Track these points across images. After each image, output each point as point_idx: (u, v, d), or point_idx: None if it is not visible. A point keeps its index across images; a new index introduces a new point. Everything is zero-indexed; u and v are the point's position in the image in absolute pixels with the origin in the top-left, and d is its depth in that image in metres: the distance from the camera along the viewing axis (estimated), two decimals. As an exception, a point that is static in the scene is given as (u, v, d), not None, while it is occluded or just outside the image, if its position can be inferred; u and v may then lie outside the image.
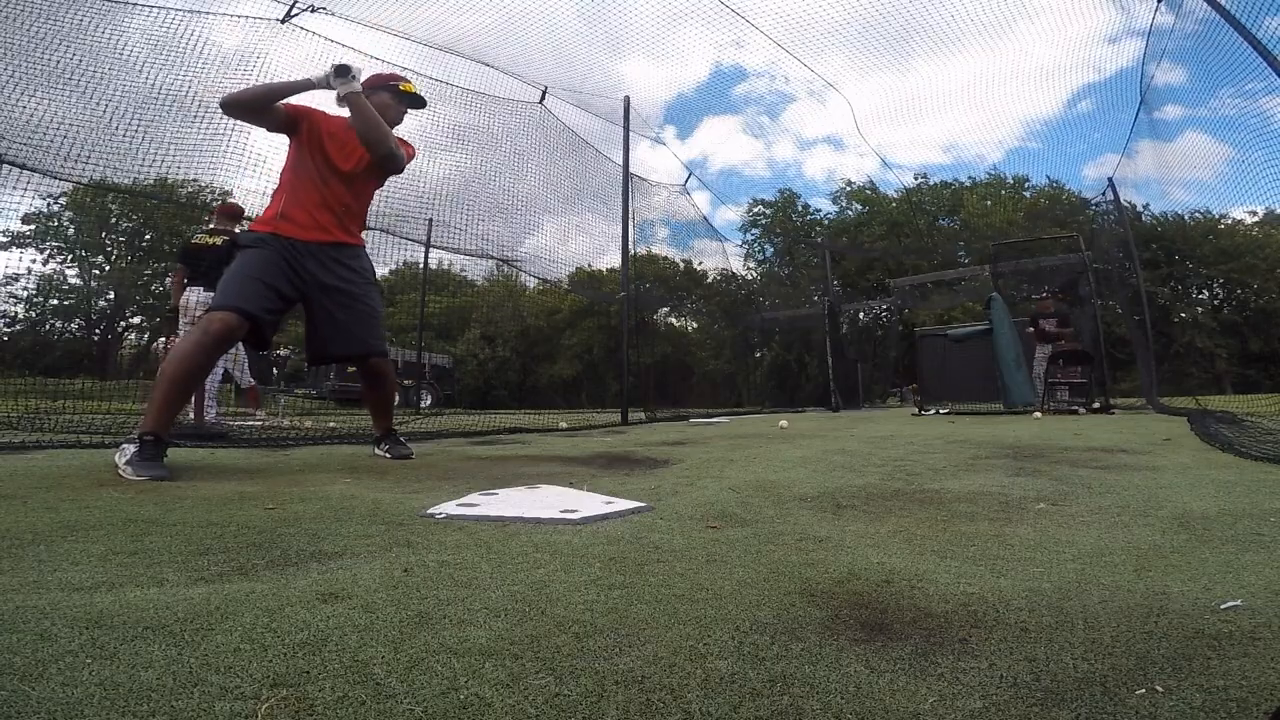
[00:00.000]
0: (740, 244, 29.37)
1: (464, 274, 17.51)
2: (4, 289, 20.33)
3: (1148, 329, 9.98)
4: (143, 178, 5.40)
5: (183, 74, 5.25)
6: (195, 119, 5.10)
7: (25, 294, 24.07)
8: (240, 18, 5.58)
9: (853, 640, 0.75)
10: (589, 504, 1.62)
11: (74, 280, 27.67)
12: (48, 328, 27.57)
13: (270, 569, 1.03)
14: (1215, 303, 28.55)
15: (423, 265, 9.69)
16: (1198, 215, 25.01)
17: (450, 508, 1.56)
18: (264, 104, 2.43)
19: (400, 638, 0.73)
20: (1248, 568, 1.04)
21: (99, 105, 4.78)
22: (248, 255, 2.42)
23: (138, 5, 5.19)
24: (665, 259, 17.85)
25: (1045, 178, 28.74)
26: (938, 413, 8.05)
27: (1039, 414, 6.75)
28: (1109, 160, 11.06)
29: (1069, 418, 6.30)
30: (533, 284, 9.85)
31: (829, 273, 16.71)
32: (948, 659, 0.70)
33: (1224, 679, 0.64)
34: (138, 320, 29.42)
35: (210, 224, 4.93)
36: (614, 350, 17.58)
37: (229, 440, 3.75)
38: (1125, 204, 10.40)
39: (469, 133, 7.48)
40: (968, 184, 30.22)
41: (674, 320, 26.20)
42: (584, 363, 29.82)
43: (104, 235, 26.74)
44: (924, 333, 11.43)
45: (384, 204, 6.26)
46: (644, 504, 1.63)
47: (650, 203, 10.12)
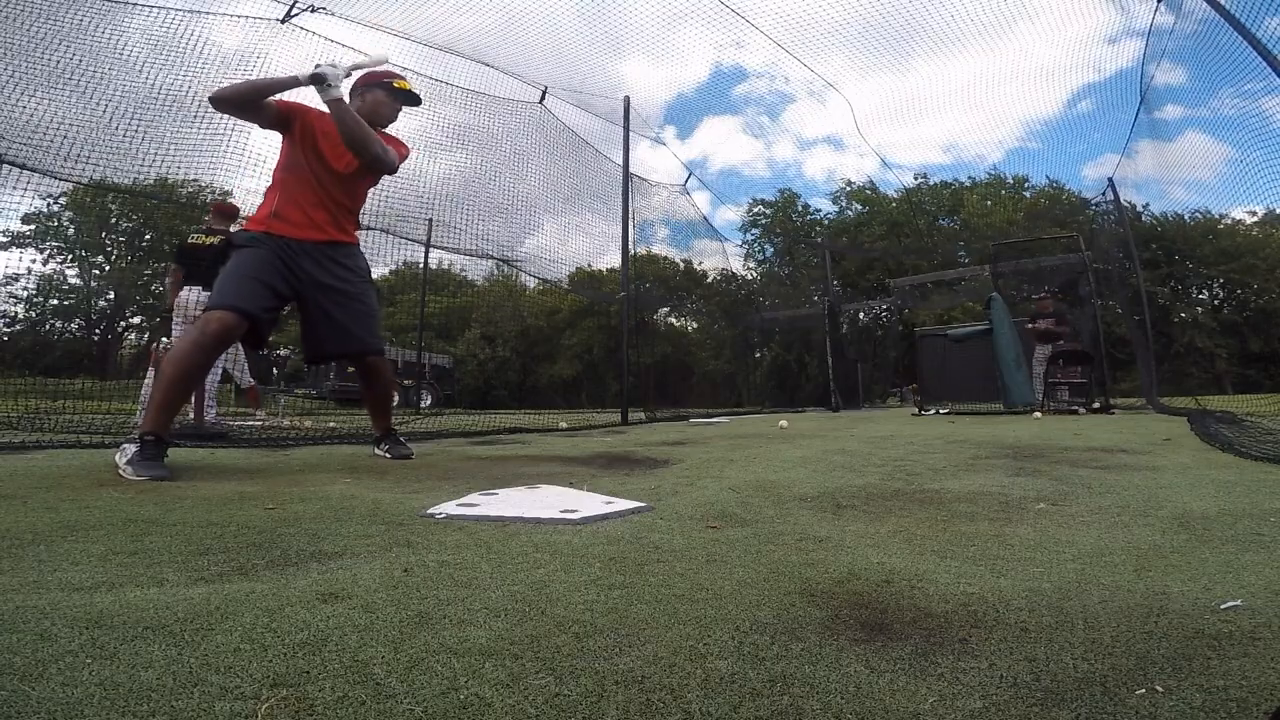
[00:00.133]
0: (740, 244, 29.42)
1: (464, 274, 17.51)
2: (4, 289, 20.34)
3: (1148, 329, 9.98)
4: (143, 178, 5.41)
5: (183, 74, 5.26)
6: (195, 119, 5.10)
7: (25, 294, 24.09)
8: (240, 18, 5.59)
9: (853, 640, 0.75)
10: (589, 504, 1.62)
11: (74, 280, 27.71)
12: (48, 328, 27.58)
13: (270, 569, 1.03)
14: (1215, 303, 28.56)
15: (423, 265, 9.68)
16: (1198, 215, 25.02)
17: (450, 508, 1.56)
18: (252, 99, 2.41)
19: (400, 638, 0.73)
20: (1248, 568, 1.04)
21: (99, 105, 4.79)
22: (243, 254, 2.42)
23: (138, 5, 5.19)
24: (665, 259, 17.86)
25: (1045, 178, 28.79)
26: (938, 413, 8.05)
27: (1039, 414, 6.75)
28: (1109, 160, 11.07)
29: (1069, 418, 6.30)
30: (533, 284, 9.85)
31: (829, 273, 16.71)
32: (948, 659, 0.70)
33: (1224, 679, 0.64)
34: (138, 320, 29.43)
35: (207, 223, 4.93)
36: (614, 350, 17.57)
37: (229, 440, 3.75)
38: (1125, 204, 10.40)
39: (469, 133, 7.49)
40: (968, 184, 30.25)
41: (674, 320, 26.19)
42: (584, 363, 29.81)
43: (104, 235, 26.74)
44: (924, 333, 11.42)
45: (384, 204, 6.26)
46: (644, 504, 1.63)
47: (650, 203, 10.12)
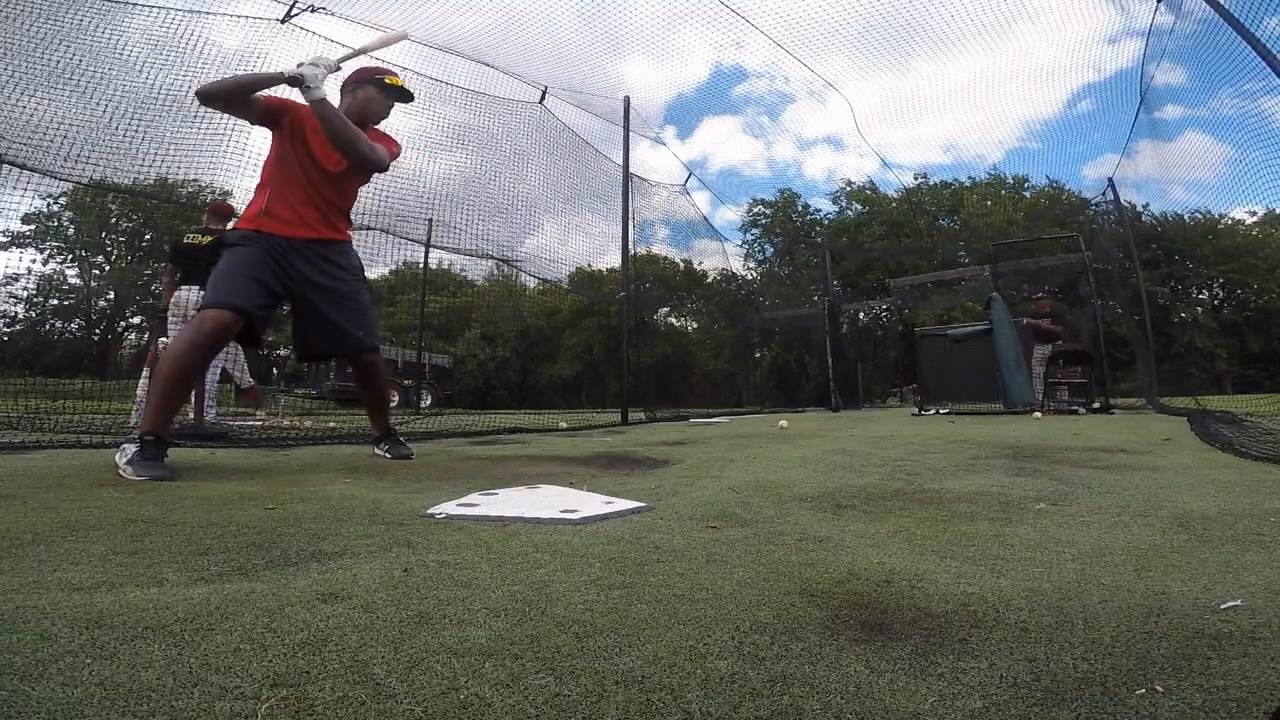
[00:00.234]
0: (740, 244, 29.41)
1: (464, 274, 17.52)
2: (4, 289, 20.34)
3: (1148, 329, 9.98)
4: (143, 178, 5.41)
5: (183, 74, 5.26)
6: (195, 119, 5.10)
7: (25, 294, 24.10)
8: (240, 18, 5.59)
9: (853, 640, 0.75)
10: (589, 504, 1.62)
11: (74, 280, 27.71)
12: (48, 328, 27.58)
13: (270, 569, 1.03)
14: (1215, 303, 28.56)
15: (423, 265, 9.68)
16: (1198, 215, 25.03)
17: (450, 508, 1.56)
18: (239, 94, 2.37)
19: (400, 638, 0.73)
20: (1248, 568, 1.04)
21: (99, 105, 4.79)
22: (235, 253, 2.40)
23: (138, 5, 5.19)
24: (665, 259, 17.85)
25: (1045, 178, 28.78)
26: (938, 413, 8.05)
27: (1039, 414, 6.75)
28: (1109, 160, 11.06)
29: (1069, 418, 6.30)
30: (533, 284, 9.85)
31: (829, 273, 16.70)
32: (948, 659, 0.70)
33: (1224, 679, 0.64)
34: (138, 320, 29.42)
35: (203, 223, 4.93)
36: (614, 350, 17.57)
37: (229, 440, 3.75)
38: (1125, 204, 10.40)
39: (469, 133, 7.49)
40: (968, 184, 30.24)
41: (674, 320, 26.19)
42: (584, 363, 29.80)
43: (104, 235, 26.75)
44: (924, 333, 11.39)
45: (384, 204, 6.27)
46: (644, 504, 1.63)
47: (650, 203, 10.12)
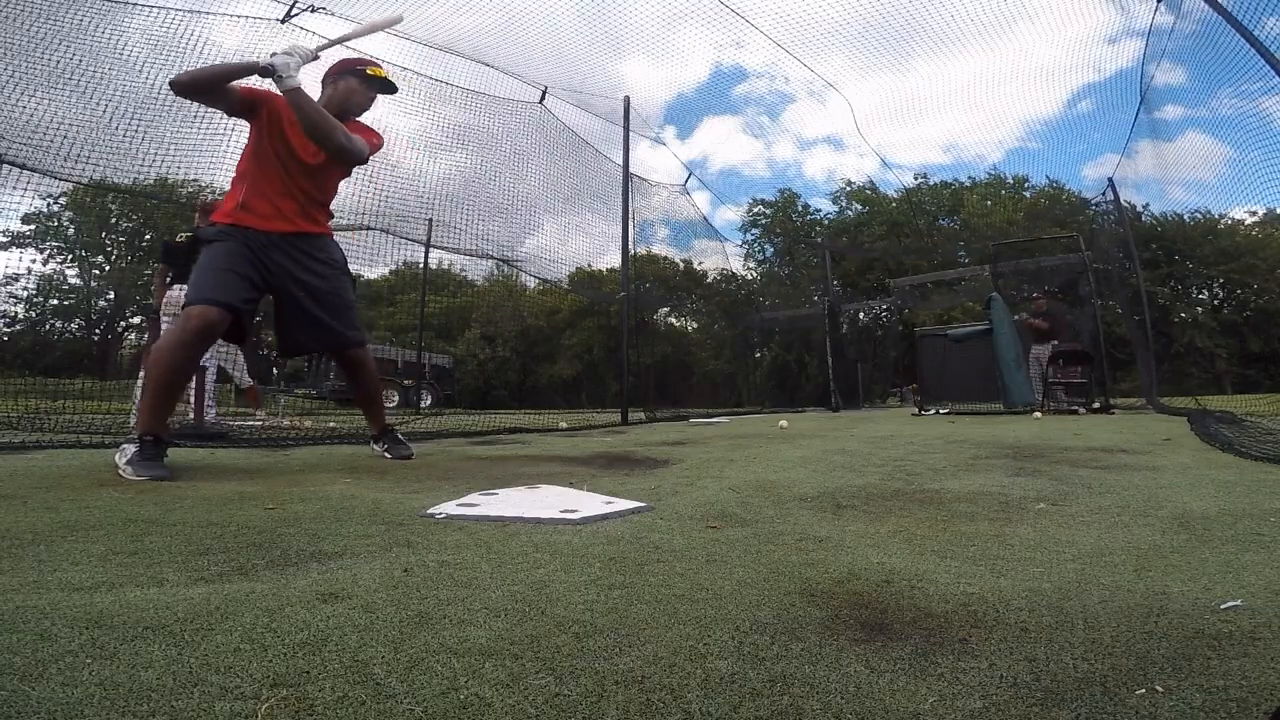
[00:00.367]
0: (740, 244, 29.40)
1: (464, 274, 17.52)
2: (4, 289, 20.34)
3: (1148, 329, 9.98)
4: (143, 178, 5.40)
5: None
6: (195, 119, 5.09)
7: (25, 294, 24.10)
8: (240, 18, 5.59)
9: (853, 640, 0.75)
10: (589, 504, 1.62)
11: (74, 280, 27.72)
12: (48, 328, 27.59)
13: (270, 569, 1.03)
14: (1215, 303, 28.55)
15: (423, 265, 9.69)
16: (1198, 215, 25.02)
17: (450, 508, 1.56)
18: (214, 84, 2.33)
19: (400, 638, 0.73)
20: (1248, 568, 1.04)
21: (99, 105, 4.79)
22: (214, 249, 2.36)
23: (138, 5, 5.19)
24: (665, 259, 17.84)
25: (1045, 178, 28.79)
26: (938, 413, 8.05)
27: (1039, 414, 6.75)
28: (1109, 160, 11.06)
29: (1069, 418, 6.30)
30: (533, 284, 9.85)
31: (829, 273, 16.71)
32: (948, 659, 0.70)
33: (1224, 679, 0.64)
34: (138, 320, 29.40)
35: (197, 223, 4.93)
36: (614, 350, 17.57)
37: (229, 440, 3.76)
38: (1125, 204, 10.40)
39: (469, 133, 7.49)
40: (968, 184, 30.25)
41: (674, 320, 26.19)
42: (584, 363, 29.79)
43: (104, 235, 26.74)
44: (924, 333, 11.40)
45: (384, 204, 6.26)
46: (644, 504, 1.63)
47: (650, 203, 10.13)
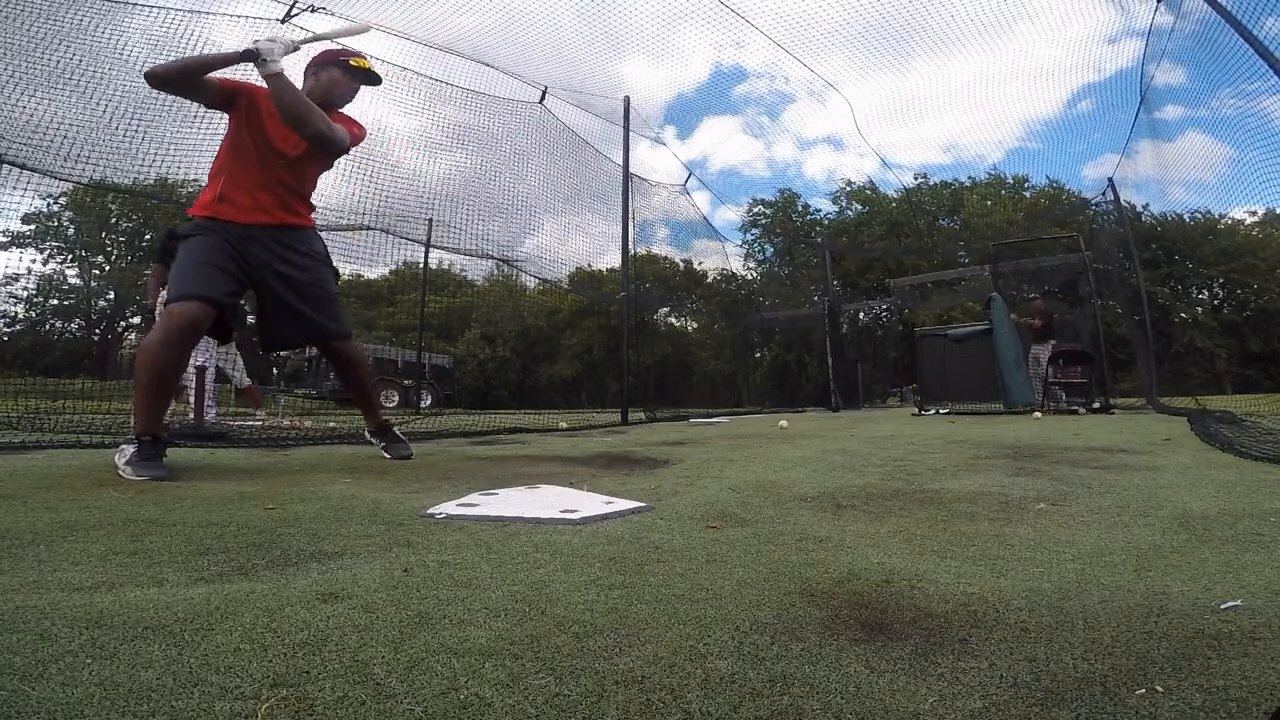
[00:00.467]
0: (740, 244, 29.41)
1: (464, 274, 17.48)
2: (4, 289, 20.34)
3: (1148, 329, 9.98)
4: (143, 178, 5.40)
5: (183, 74, 5.24)
6: (195, 119, 5.08)
7: (25, 294, 24.10)
8: (240, 18, 5.58)
9: (853, 640, 0.75)
10: (589, 504, 1.62)
11: (74, 280, 27.73)
12: (48, 328, 27.59)
13: (270, 569, 1.03)
14: (1215, 303, 28.55)
15: (423, 265, 9.69)
16: (1198, 215, 25.03)
17: (450, 508, 1.56)
18: (190, 76, 2.28)
19: (400, 638, 0.73)
20: (1248, 568, 1.04)
21: (99, 105, 4.78)
22: (192, 244, 2.32)
23: (138, 5, 5.19)
24: (665, 259, 17.86)
25: (1045, 178, 28.78)
26: (938, 413, 8.05)
27: (1039, 414, 6.75)
28: (1109, 160, 11.07)
29: (1069, 418, 6.30)
30: (533, 284, 9.84)
31: (829, 273, 16.71)
32: (948, 659, 0.70)
33: (1224, 679, 0.64)
34: (138, 320, 29.39)
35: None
36: (614, 350, 17.57)
37: (229, 440, 3.76)
38: (1125, 204, 10.40)
39: (469, 133, 7.49)
40: (968, 184, 30.25)
41: (674, 320, 26.20)
42: (584, 363, 29.79)
43: (104, 235, 26.74)
44: (924, 333, 11.39)
45: (384, 204, 6.27)
46: (644, 504, 1.63)
47: (650, 203, 10.14)
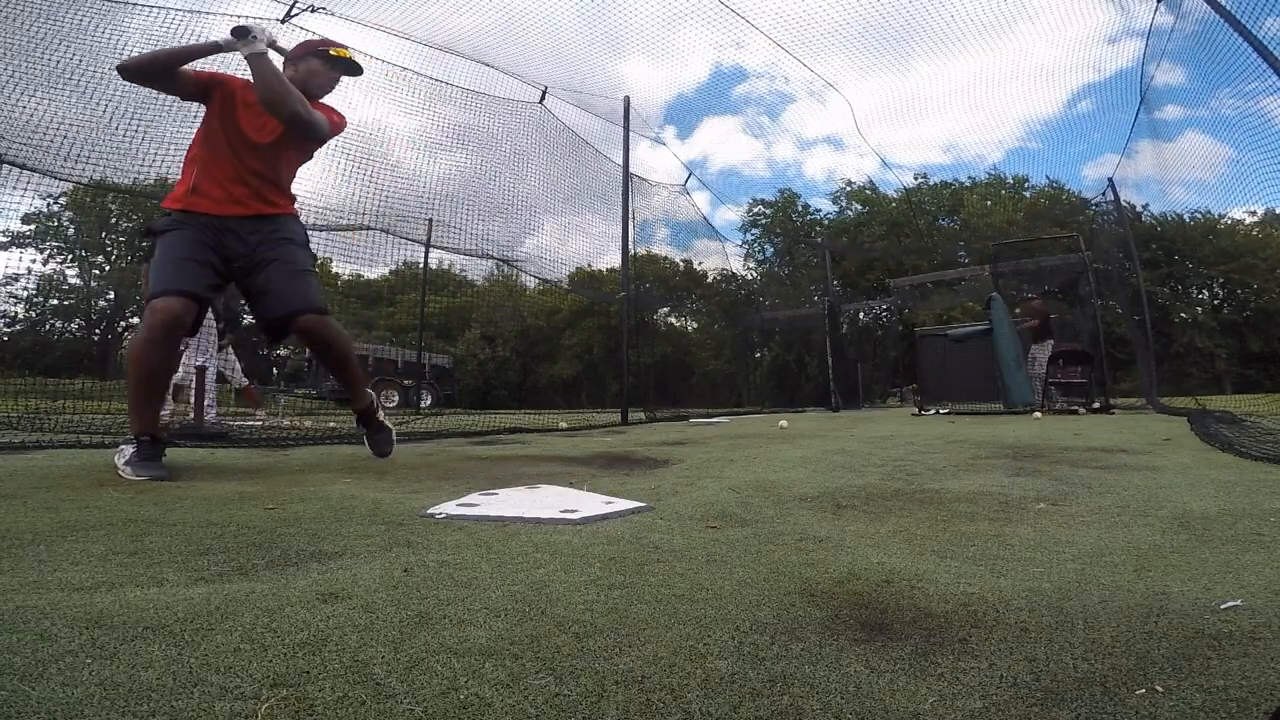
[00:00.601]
0: (740, 244, 29.37)
1: (464, 274, 17.47)
2: (4, 289, 20.33)
3: (1148, 329, 9.98)
4: (143, 178, 5.38)
5: (182, 74, 5.24)
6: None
7: (25, 294, 24.09)
8: (240, 18, 5.57)
9: (853, 640, 0.75)
10: (589, 504, 1.62)
11: (74, 280, 27.72)
12: (48, 328, 27.59)
13: (270, 569, 1.03)
14: (1215, 303, 28.53)
15: (423, 265, 9.69)
16: (1198, 215, 25.01)
17: (450, 508, 1.56)
18: (164, 68, 2.24)
19: (400, 638, 0.73)
20: (1248, 568, 1.04)
21: (99, 105, 4.77)
22: (169, 238, 2.28)
23: (138, 5, 5.19)
24: (665, 259, 17.86)
25: (1045, 178, 28.74)
26: (938, 413, 8.05)
27: (1039, 414, 6.75)
28: (1109, 160, 11.07)
29: (1069, 418, 6.30)
30: (533, 284, 9.84)
31: (829, 273, 16.73)
32: (948, 659, 0.70)
33: (1224, 679, 0.64)
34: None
35: None
36: (614, 350, 17.57)
37: (229, 440, 3.76)
38: (1125, 204, 10.41)
39: (469, 133, 7.49)
40: (968, 184, 30.21)
41: (674, 320, 26.20)
42: (584, 363, 29.78)
43: (104, 235, 26.74)
44: (924, 333, 11.38)
45: (384, 204, 6.27)
46: (644, 504, 1.63)
47: (650, 203, 10.14)
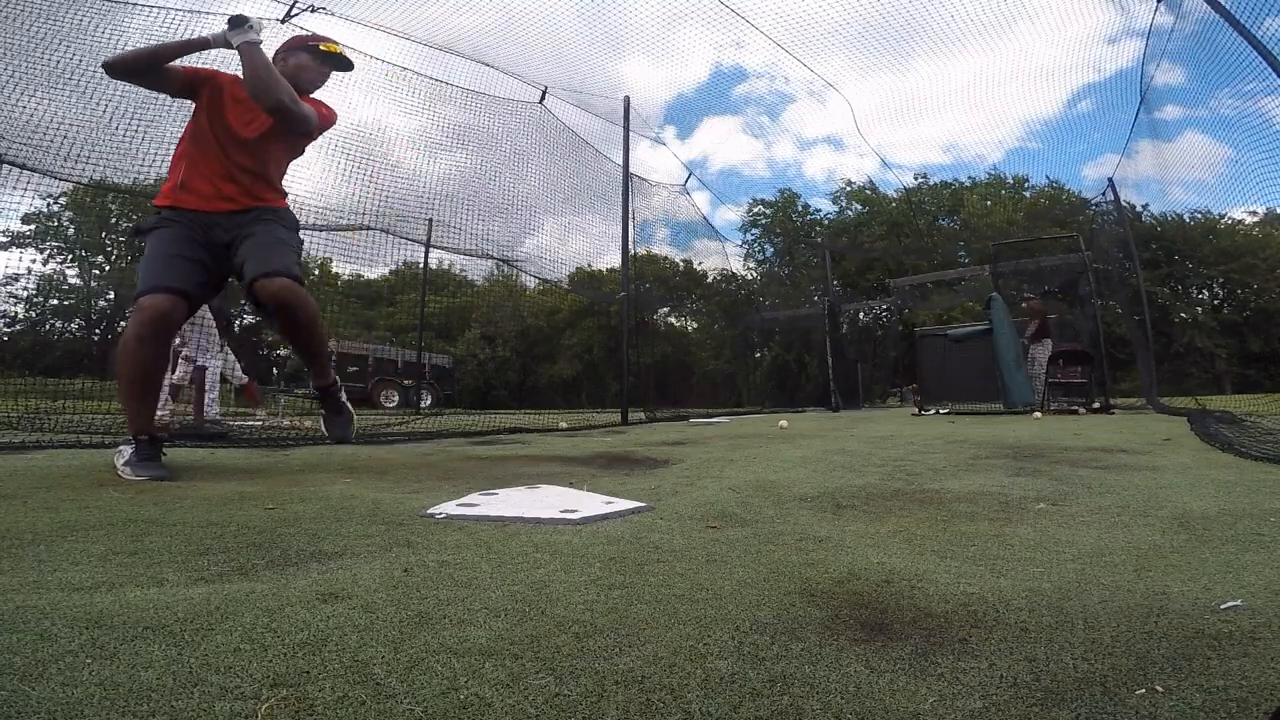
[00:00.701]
0: (740, 244, 29.36)
1: (464, 274, 17.47)
2: (4, 289, 20.32)
3: (1148, 329, 9.98)
4: (143, 178, 5.37)
5: (182, 74, 5.24)
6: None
7: (25, 294, 24.07)
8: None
9: (853, 640, 0.75)
10: (589, 504, 1.62)
11: (74, 280, 27.71)
12: (48, 328, 27.59)
13: (270, 569, 1.03)
14: (1215, 303, 28.53)
15: (423, 265, 9.69)
16: (1198, 215, 25.02)
17: (450, 508, 1.56)
18: (151, 64, 2.22)
19: (400, 638, 0.73)
20: (1248, 568, 1.04)
21: (99, 105, 4.77)
22: (158, 236, 2.26)
23: (138, 5, 5.19)
24: (665, 259, 17.84)
25: (1045, 178, 28.72)
26: (938, 413, 8.05)
27: (1039, 414, 6.75)
28: (1109, 160, 11.07)
29: (1069, 418, 6.30)
30: (533, 284, 9.84)
31: (829, 273, 16.73)
32: (948, 659, 0.70)
33: (1224, 679, 0.64)
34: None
35: None
36: (614, 350, 17.57)
37: (229, 440, 3.76)
38: (1125, 204, 10.41)
39: (469, 133, 7.48)
40: (968, 184, 30.21)
41: (674, 320, 26.20)
42: (584, 363, 29.78)
43: (104, 235, 26.73)
44: (924, 333, 11.38)
45: (384, 204, 6.26)
46: (644, 504, 1.63)
47: (650, 203, 10.14)
